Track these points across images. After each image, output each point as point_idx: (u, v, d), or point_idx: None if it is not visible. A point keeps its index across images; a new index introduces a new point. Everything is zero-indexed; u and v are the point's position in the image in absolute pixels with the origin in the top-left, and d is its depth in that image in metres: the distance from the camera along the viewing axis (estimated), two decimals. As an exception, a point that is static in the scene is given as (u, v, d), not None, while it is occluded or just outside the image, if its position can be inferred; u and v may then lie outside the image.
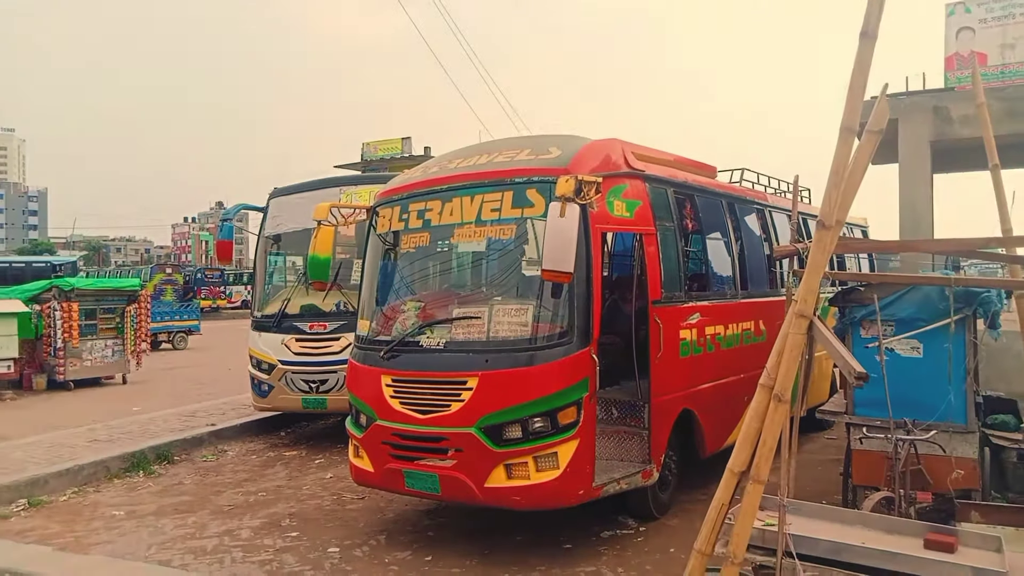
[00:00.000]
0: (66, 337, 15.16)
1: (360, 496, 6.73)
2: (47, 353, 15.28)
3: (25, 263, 40.36)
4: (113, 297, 16.45)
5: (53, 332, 15.15)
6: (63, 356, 15.15)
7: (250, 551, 5.46)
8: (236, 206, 10.55)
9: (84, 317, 15.57)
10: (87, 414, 11.60)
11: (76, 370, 15.42)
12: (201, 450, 8.73)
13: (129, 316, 16.43)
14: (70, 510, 6.65)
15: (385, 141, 52.48)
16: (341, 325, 8.59)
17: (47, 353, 15.28)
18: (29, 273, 32.83)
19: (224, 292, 48.20)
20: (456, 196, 5.57)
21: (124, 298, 16.52)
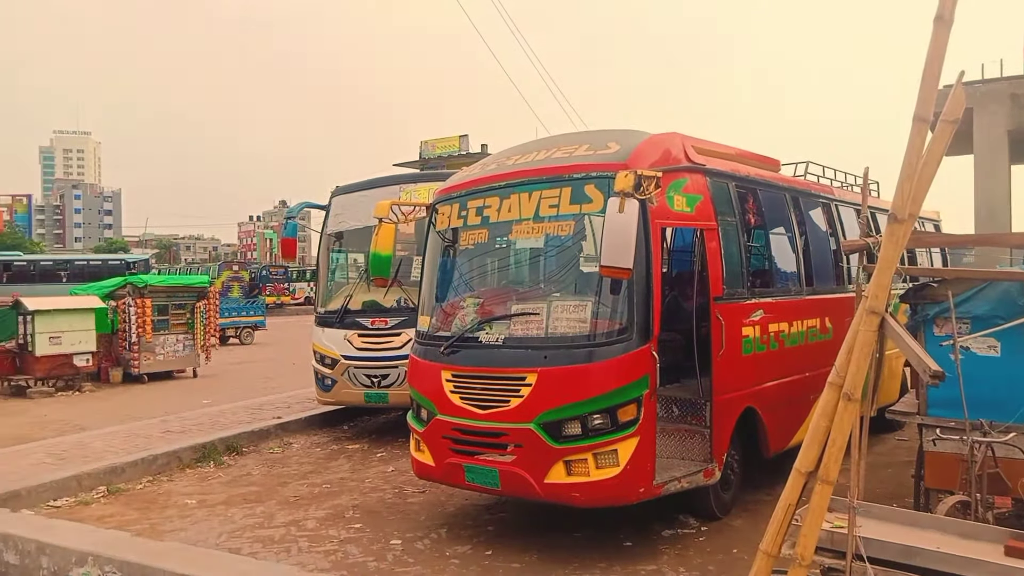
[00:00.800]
0: (140, 332, 15.78)
1: (421, 490, 6.83)
2: (123, 347, 15.93)
3: (101, 261, 42.12)
4: (184, 294, 17.05)
5: (128, 327, 15.78)
6: (137, 350, 15.78)
7: (315, 541, 5.60)
8: (299, 204, 10.80)
9: (157, 313, 16.19)
10: (160, 406, 12.07)
11: (149, 364, 16.04)
12: (268, 442, 8.98)
13: (199, 312, 17.00)
14: (145, 498, 6.93)
15: (443, 139, 52.88)
16: (401, 321, 8.72)
17: (123, 347, 15.93)
18: (105, 270, 34.27)
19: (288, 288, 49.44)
20: (514, 193, 5.58)
21: (194, 294, 17.11)
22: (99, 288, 17.15)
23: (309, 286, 49.88)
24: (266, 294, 40.65)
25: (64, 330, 14.71)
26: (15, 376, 14.67)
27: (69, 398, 14.15)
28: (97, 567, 3.93)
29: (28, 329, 14.60)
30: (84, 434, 9.36)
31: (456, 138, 52.71)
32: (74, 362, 14.82)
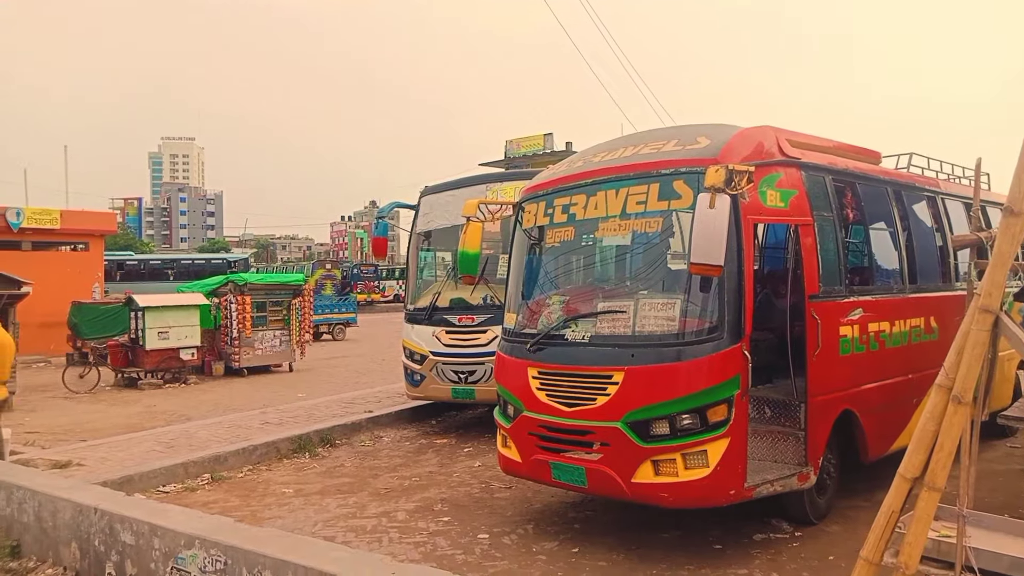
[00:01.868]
0: (240, 327, 16.53)
1: (508, 485, 6.89)
2: (224, 342, 16.73)
3: (205, 260, 44.39)
4: (280, 291, 17.75)
5: (229, 323, 16.57)
6: (238, 345, 16.53)
7: (405, 533, 5.73)
8: (389, 204, 11.05)
9: (256, 309, 16.92)
10: (259, 399, 12.61)
11: (249, 358, 16.78)
12: (359, 435, 9.25)
13: (295, 309, 17.66)
14: (246, 486, 7.26)
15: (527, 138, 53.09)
16: (488, 318, 8.82)
17: (224, 342, 16.73)
18: (208, 269, 36.07)
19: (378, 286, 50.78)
20: (601, 190, 5.55)
21: (290, 292, 17.78)
22: (203, 286, 18.07)
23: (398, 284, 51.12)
24: (357, 292, 41.85)
25: (171, 325, 15.56)
26: (128, 368, 15.62)
27: (176, 390, 14.96)
28: (203, 550, 4.13)
29: (139, 324, 15.52)
30: (190, 424, 9.90)
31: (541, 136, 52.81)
32: (180, 356, 15.66)
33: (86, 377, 15.23)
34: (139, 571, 4.52)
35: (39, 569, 5.19)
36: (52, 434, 10.20)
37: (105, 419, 11.55)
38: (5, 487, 5.64)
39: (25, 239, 23.25)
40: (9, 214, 22.78)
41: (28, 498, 5.43)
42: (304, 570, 3.59)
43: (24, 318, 13.50)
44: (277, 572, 3.72)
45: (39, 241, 23.83)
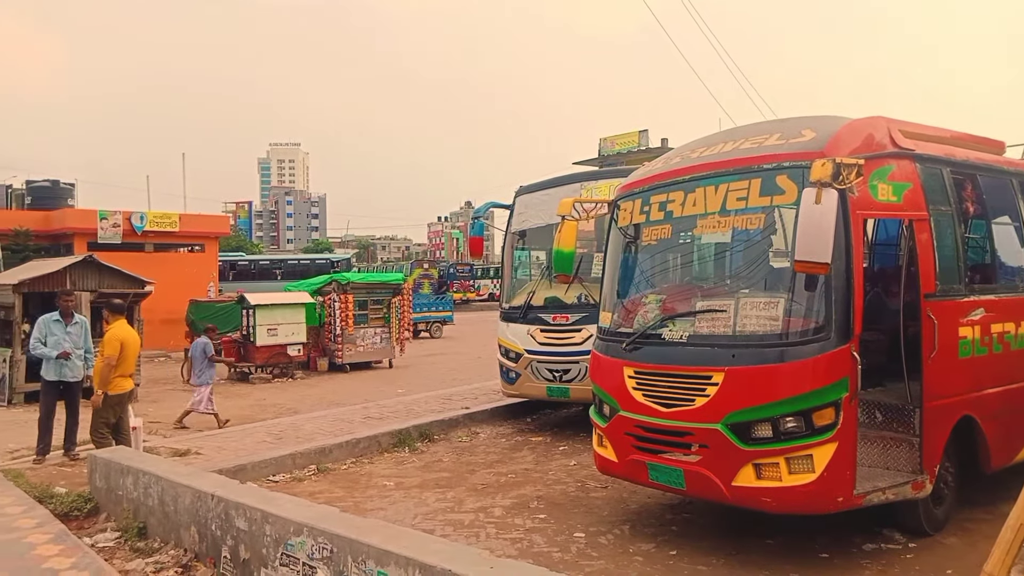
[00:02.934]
0: (343, 325, 17.13)
1: (603, 485, 6.85)
2: (328, 339, 17.38)
3: (310, 260, 46.20)
4: (381, 290, 18.29)
5: (333, 320, 17.21)
6: (341, 342, 17.14)
7: (502, 528, 5.80)
8: (485, 204, 11.21)
9: (358, 308, 17.51)
10: (361, 393, 13.05)
11: (351, 354, 17.36)
12: (457, 431, 9.42)
13: (394, 307, 18.16)
14: (349, 478, 7.53)
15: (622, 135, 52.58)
16: (583, 317, 8.80)
17: (328, 339, 17.38)
18: (313, 269, 37.55)
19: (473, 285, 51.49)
20: (699, 186, 5.43)
21: (390, 291, 18.30)
22: (309, 285, 18.84)
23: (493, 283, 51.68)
24: (453, 290, 42.58)
25: (280, 323, 16.30)
26: (240, 363, 16.47)
27: (283, 384, 15.67)
28: (311, 538, 4.32)
29: (250, 321, 16.34)
30: (297, 417, 10.35)
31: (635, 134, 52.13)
32: (288, 352, 16.38)
33: (203, 371, 16.12)
34: (252, 555, 4.76)
35: (163, 550, 5.55)
36: (173, 424, 10.89)
37: (220, 411, 12.24)
38: (132, 472, 6.07)
39: (148, 241, 24.91)
40: (134, 218, 24.46)
41: (153, 483, 5.82)
42: (405, 560, 3.69)
43: (147, 315, 14.45)
44: (380, 561, 3.84)
45: (160, 243, 25.48)
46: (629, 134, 52.33)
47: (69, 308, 8.84)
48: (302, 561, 4.35)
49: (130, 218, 24.17)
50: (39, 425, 8.50)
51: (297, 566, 4.37)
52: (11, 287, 12.86)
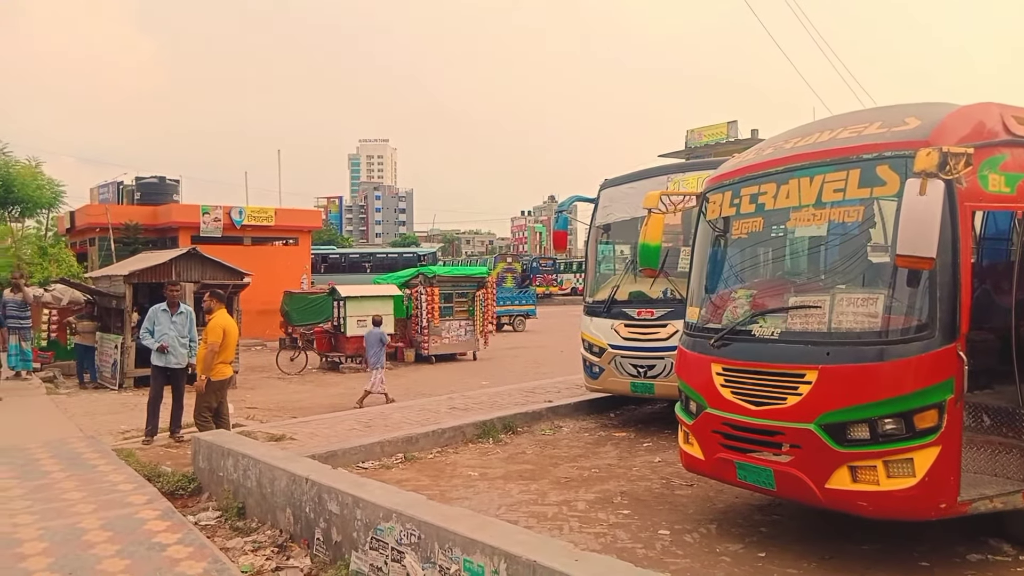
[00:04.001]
0: (429, 317, 17.47)
1: (689, 483, 6.75)
2: (415, 331, 17.76)
3: (397, 253, 47.30)
4: (466, 283, 18.56)
5: (419, 313, 17.57)
6: (427, 334, 17.48)
7: (585, 523, 5.80)
8: (570, 198, 11.17)
9: (443, 300, 17.83)
10: (446, 385, 13.28)
11: (437, 346, 17.69)
12: (540, 424, 9.46)
13: (479, 300, 18.39)
14: (435, 466, 7.68)
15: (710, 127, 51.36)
16: (668, 312, 8.67)
17: (415, 331, 17.76)
18: (400, 262, 38.42)
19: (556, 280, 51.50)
20: (793, 178, 5.26)
21: (475, 284, 18.54)
22: (396, 278, 19.30)
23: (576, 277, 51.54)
24: (536, 285, 42.68)
25: (369, 314, 16.74)
26: (331, 353, 17.03)
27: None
28: (400, 524, 4.44)
29: (341, 313, 16.87)
30: (385, 406, 10.63)
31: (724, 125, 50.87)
32: (376, 343, 16.77)
33: (296, 360, 16.81)
34: (343, 538, 4.94)
35: (260, 530, 5.82)
36: (268, 410, 11.39)
37: (312, 398, 12.71)
38: (233, 455, 6.38)
39: (246, 235, 26.06)
40: (233, 213, 25.61)
41: (251, 466, 6.10)
42: (491, 549, 3.74)
43: (245, 305, 15.15)
44: (466, 549, 3.91)
45: (257, 236, 26.61)
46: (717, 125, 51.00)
47: (175, 299, 9.37)
48: (391, 546, 4.47)
49: (230, 213, 25.36)
50: (147, 408, 9.06)
51: (386, 550, 4.50)
52: (122, 278, 13.72)
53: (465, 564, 3.90)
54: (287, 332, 18.45)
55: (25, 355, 14.17)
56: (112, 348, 13.72)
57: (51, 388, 13.55)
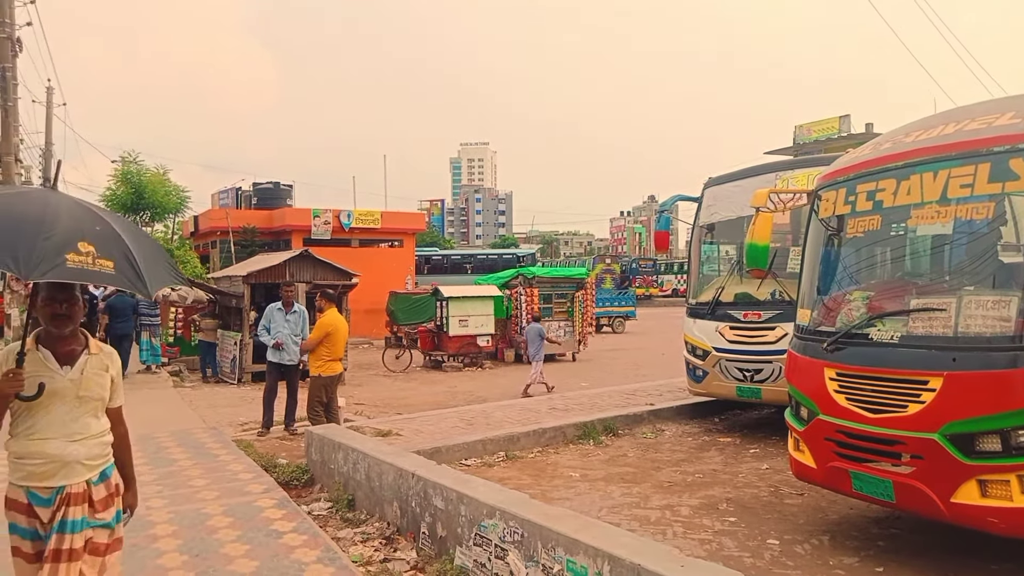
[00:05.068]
0: (528, 318, 17.55)
1: (799, 491, 6.50)
2: (515, 331, 17.90)
3: (497, 255, 47.83)
4: (565, 284, 18.55)
5: (519, 313, 17.70)
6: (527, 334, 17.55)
7: (689, 528, 5.68)
8: (672, 197, 10.96)
9: (542, 301, 17.88)
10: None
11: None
12: (641, 427, 9.34)
13: (578, 301, 18.34)
14: (536, 466, 7.72)
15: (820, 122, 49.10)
16: (776, 314, 8.38)
17: (515, 331, 17.90)
18: (500, 263, 38.84)
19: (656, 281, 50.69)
20: (914, 173, 4.97)
21: (574, 285, 18.51)
22: (497, 279, 19.53)
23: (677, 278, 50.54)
24: (636, 286, 42.16)
25: (470, 314, 17.05)
26: (434, 352, 17.40)
27: (473, 373, 16.36)
28: (503, 521, 4.49)
29: (443, 313, 17.22)
30: (486, 405, 10.78)
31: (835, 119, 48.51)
32: (477, 342, 17.09)
33: (401, 358, 17.28)
34: (448, 533, 5.04)
35: (369, 522, 6.03)
36: (375, 406, 11.77)
37: (416, 396, 13.05)
38: (343, 449, 6.63)
39: (354, 237, 27.02)
40: (342, 216, 26.61)
41: (360, 460, 6.33)
42: (594, 551, 3.74)
43: (353, 305, 15.72)
44: (569, 549, 3.92)
45: (364, 239, 27.53)
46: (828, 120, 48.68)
47: (289, 298, 9.88)
48: (494, 543, 4.54)
49: (339, 216, 26.38)
50: (263, 402, 9.55)
51: (489, 547, 4.57)
52: (241, 278, 14.52)
53: (568, 564, 3.91)
54: (392, 331, 19.01)
55: (155, 350, 15.24)
56: (232, 344, 14.54)
57: (177, 381, 14.52)
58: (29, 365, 2.98)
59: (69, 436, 3.02)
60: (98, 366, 3.14)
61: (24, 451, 2.99)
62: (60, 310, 3.02)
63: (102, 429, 3.17)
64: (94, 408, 3.12)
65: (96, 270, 2.69)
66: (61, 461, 3.00)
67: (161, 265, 3.18)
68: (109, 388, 3.18)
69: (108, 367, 3.19)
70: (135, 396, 12.19)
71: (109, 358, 3.22)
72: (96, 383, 3.11)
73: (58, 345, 3.08)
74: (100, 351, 3.20)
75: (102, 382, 3.14)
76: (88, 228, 2.78)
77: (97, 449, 3.12)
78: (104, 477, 3.17)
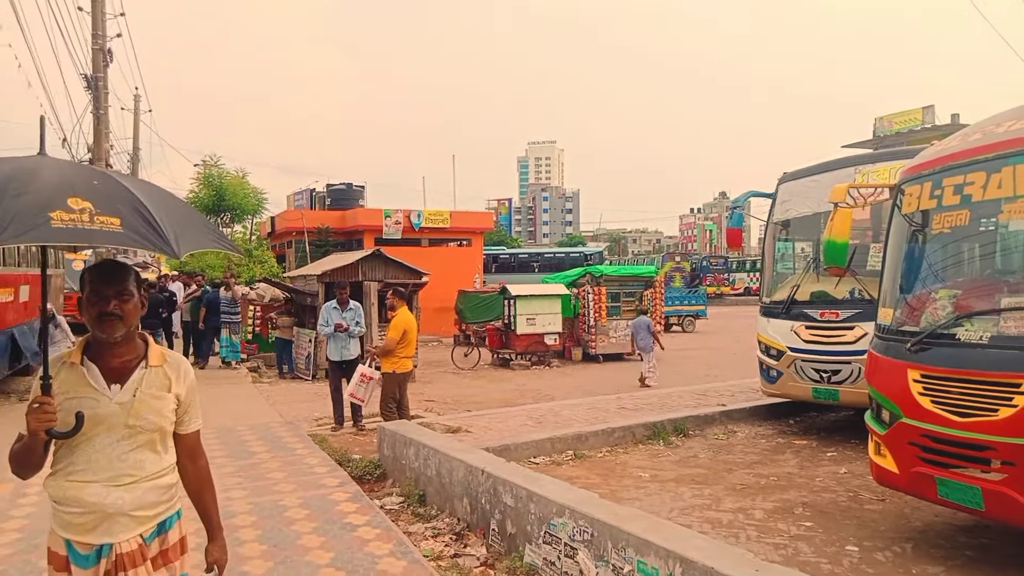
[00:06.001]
0: (596, 316, 17.48)
1: (880, 497, 6.27)
2: (582, 329, 17.86)
3: (564, 253, 47.71)
4: (633, 283, 18.39)
5: (587, 312, 17.64)
6: (594, 333, 17.50)
7: (763, 532, 5.55)
8: (745, 194, 10.72)
9: (610, 300, 17.77)
10: (613, 384, 13.22)
11: (604, 345, 17.66)
12: (712, 428, 9.17)
13: (646, 300, 18.13)
14: (605, 465, 7.67)
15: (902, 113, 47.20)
16: (855, 314, 8.09)
17: (582, 329, 17.86)
18: (567, 262, 38.74)
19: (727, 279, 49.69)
20: (1007, 165, 4.72)
21: (642, 284, 18.33)
22: (564, 277, 19.50)
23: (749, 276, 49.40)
24: (706, 284, 41.44)
25: (538, 313, 17.06)
26: (502, 350, 17.50)
27: (540, 371, 16.37)
28: (572, 520, 4.49)
29: (511, 311, 17.29)
30: (554, 403, 10.76)
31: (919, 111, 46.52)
32: (545, 341, 17.10)
33: (469, 356, 17.46)
34: (517, 531, 5.07)
35: (439, 517, 6.11)
36: (444, 403, 11.92)
37: (484, 393, 13.16)
38: (415, 444, 6.74)
39: (423, 236, 27.41)
40: (412, 216, 27.03)
41: (431, 456, 6.42)
42: (666, 552, 3.69)
43: (423, 303, 15.94)
44: (639, 550, 3.89)
45: (434, 238, 27.90)
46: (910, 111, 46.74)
47: (344, 297, 10.39)
48: (563, 541, 4.54)
49: (409, 216, 26.80)
50: (332, 398, 9.83)
51: (559, 545, 4.57)
52: (316, 277, 14.92)
53: (639, 565, 3.87)
54: (461, 329, 19.20)
55: (234, 347, 15.83)
56: (306, 342, 14.96)
57: (255, 377, 15.03)
58: (66, 385, 2.32)
59: (114, 479, 2.32)
60: (157, 383, 2.43)
61: (61, 495, 2.33)
62: (108, 308, 2.32)
63: (162, 468, 2.43)
64: (150, 440, 2.40)
65: (96, 228, 2.10)
66: (101, 512, 2.30)
67: (194, 226, 2.55)
68: (171, 412, 2.45)
69: (171, 383, 2.46)
70: (217, 391, 12.69)
71: (175, 370, 2.49)
72: (152, 407, 2.38)
73: (107, 356, 2.38)
74: (164, 362, 2.47)
75: (160, 406, 2.41)
76: (81, 183, 2.22)
77: (152, 495, 2.39)
78: (161, 530, 2.43)
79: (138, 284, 2.43)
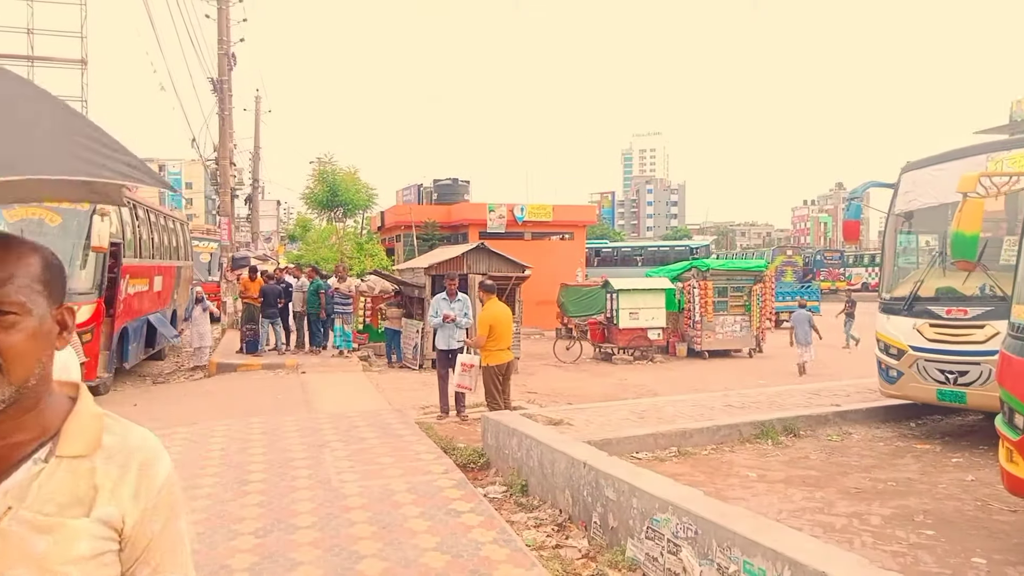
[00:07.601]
0: (702, 312, 17.10)
1: (1012, 507, 5.85)
2: (687, 325, 17.51)
3: (669, 247, 46.86)
4: (741, 277, 17.85)
5: (692, 307, 17.28)
6: (700, 328, 17.13)
7: (880, 539, 5.29)
8: (864, 184, 10.18)
9: (717, 295, 17.34)
10: (719, 381, 12.91)
11: (710, 341, 17.26)
12: (825, 428, 8.80)
13: (755, 296, 17.59)
14: (710, 464, 7.51)
15: (1043, 94, 43.52)
16: (986, 311, 7.55)
17: (687, 325, 17.51)
18: (672, 256, 38.05)
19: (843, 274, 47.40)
20: None
21: (751, 278, 17.77)
22: (668, 271, 19.15)
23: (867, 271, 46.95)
24: (820, 279, 39.69)
25: (640, 307, 16.86)
26: (604, 344, 17.41)
27: (643, 366, 16.18)
28: (675, 516, 4.43)
29: (614, 305, 17.16)
30: (657, 399, 10.63)
31: (1063, 91, 42.59)
32: (648, 335, 16.88)
33: (571, 349, 17.47)
34: (619, 525, 5.05)
35: (541, 507, 6.17)
36: (546, 395, 12.00)
37: (586, 387, 13.14)
38: (517, 435, 6.83)
39: (526, 230, 27.60)
40: (515, 210, 27.26)
41: (533, 447, 6.49)
42: (774, 554, 3.59)
43: (525, 296, 16.08)
44: (746, 551, 3.80)
45: (536, 232, 28.05)
46: (1053, 93, 43.18)
47: (452, 289, 10.51)
48: (667, 537, 4.49)
49: (512, 210, 27.04)
50: (439, 387, 10.07)
51: (662, 541, 4.53)
52: (423, 270, 15.33)
53: (745, 566, 3.79)
54: (563, 322, 19.22)
55: (347, 336, 16.48)
56: (414, 332, 15.40)
57: (366, 366, 15.60)
58: None
59: None
60: (63, 494, 1.11)
61: None
62: None
63: None
64: None
65: None
66: None
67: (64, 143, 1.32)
68: (94, 561, 1.11)
69: (97, 495, 1.13)
70: (331, 377, 13.27)
71: (121, 467, 1.16)
72: (30, 552, 1.07)
73: None
74: (95, 448, 1.16)
75: (56, 551, 1.08)
76: None
77: None
78: None
79: (58, 283, 1.20)
